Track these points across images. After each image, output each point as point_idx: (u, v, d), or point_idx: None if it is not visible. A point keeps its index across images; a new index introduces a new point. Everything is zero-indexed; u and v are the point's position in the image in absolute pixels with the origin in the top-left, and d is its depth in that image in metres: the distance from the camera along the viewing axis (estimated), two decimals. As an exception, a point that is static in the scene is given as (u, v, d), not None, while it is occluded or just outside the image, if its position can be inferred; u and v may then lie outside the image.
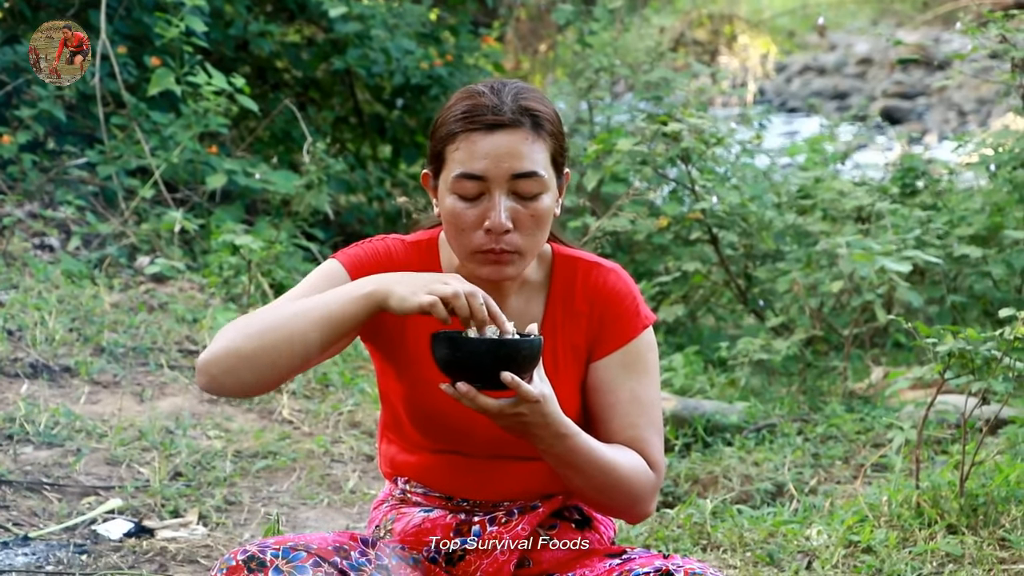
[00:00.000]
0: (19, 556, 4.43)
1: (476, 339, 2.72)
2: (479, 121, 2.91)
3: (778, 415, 6.36)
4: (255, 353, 2.83)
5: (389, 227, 9.94)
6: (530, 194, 2.92)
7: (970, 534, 4.46)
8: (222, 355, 2.85)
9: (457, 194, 2.92)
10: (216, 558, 4.36)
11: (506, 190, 2.90)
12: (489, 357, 2.70)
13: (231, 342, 2.85)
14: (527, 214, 2.91)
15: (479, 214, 2.91)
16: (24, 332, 6.56)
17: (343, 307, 2.81)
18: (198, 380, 2.91)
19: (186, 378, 6.36)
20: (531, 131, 2.92)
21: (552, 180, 2.96)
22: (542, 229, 2.95)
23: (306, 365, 2.90)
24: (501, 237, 2.90)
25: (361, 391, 6.41)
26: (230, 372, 2.85)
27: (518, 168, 2.90)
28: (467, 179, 2.91)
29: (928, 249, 7.04)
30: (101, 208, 8.48)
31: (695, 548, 4.57)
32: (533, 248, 2.96)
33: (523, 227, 2.92)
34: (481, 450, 3.07)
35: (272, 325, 2.84)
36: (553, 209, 2.97)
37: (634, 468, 2.97)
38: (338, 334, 2.83)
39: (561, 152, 2.99)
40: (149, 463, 5.33)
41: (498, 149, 2.90)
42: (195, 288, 7.70)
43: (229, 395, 2.94)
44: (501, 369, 2.70)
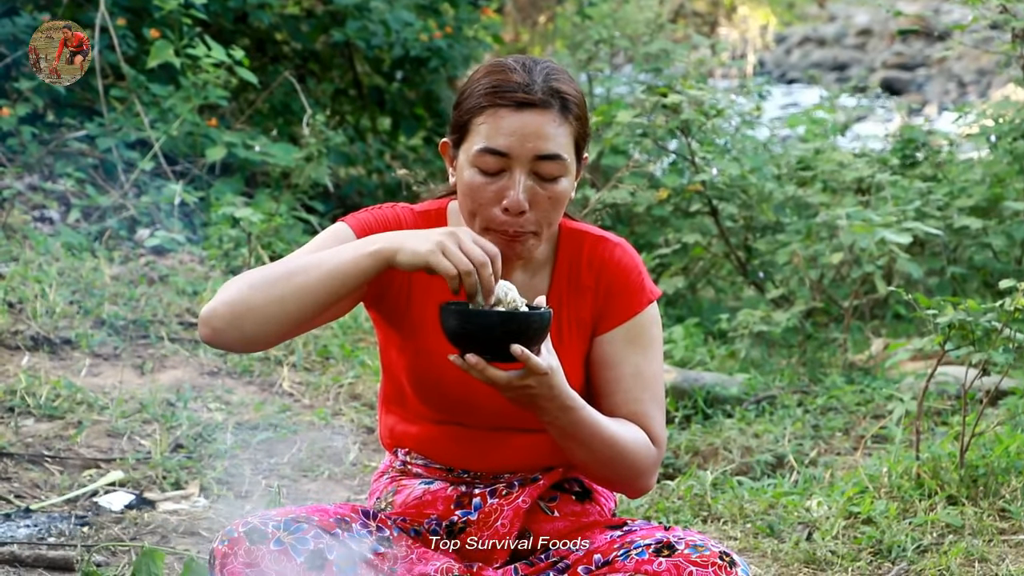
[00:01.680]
0: (21, 528, 4.43)
1: (487, 311, 2.72)
2: (509, 97, 2.90)
3: (778, 387, 6.37)
4: (260, 304, 2.81)
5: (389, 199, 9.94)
6: (551, 176, 2.91)
7: (970, 505, 4.47)
8: (227, 306, 2.83)
9: (478, 168, 2.92)
10: (217, 530, 4.37)
11: (527, 170, 2.90)
12: (499, 329, 2.70)
13: (237, 293, 2.82)
14: (545, 196, 2.91)
15: (498, 190, 2.90)
16: (25, 304, 6.56)
17: (353, 262, 2.79)
18: (200, 332, 2.87)
19: (187, 351, 6.37)
20: (559, 113, 2.91)
21: (572, 164, 2.96)
22: (558, 211, 2.95)
23: (310, 322, 2.88)
24: (517, 217, 2.90)
25: (361, 363, 6.41)
26: (233, 323, 2.83)
27: (543, 150, 2.89)
28: (490, 154, 2.90)
29: (928, 220, 7.04)
30: (101, 180, 8.48)
31: (695, 520, 4.58)
32: (548, 229, 2.96)
33: (540, 208, 2.92)
34: (483, 421, 3.08)
35: (279, 277, 2.82)
36: (569, 191, 2.97)
37: (636, 442, 2.97)
38: (345, 289, 2.81)
39: (584, 136, 2.99)
40: (150, 435, 5.33)
41: (524, 128, 2.89)
42: (195, 261, 7.70)
43: (230, 348, 2.89)
44: (511, 341, 2.70)
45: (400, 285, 3.05)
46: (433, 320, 2.93)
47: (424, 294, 3.04)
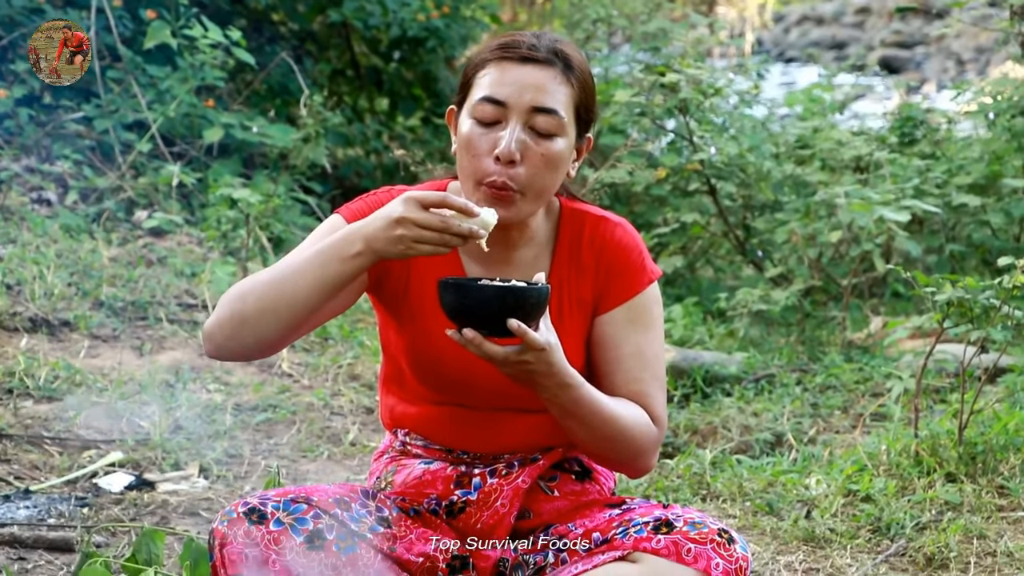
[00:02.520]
0: (21, 509, 4.44)
1: (483, 285, 2.72)
2: (514, 52, 2.94)
3: (777, 365, 6.37)
4: (254, 316, 2.84)
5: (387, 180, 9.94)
6: (546, 131, 2.92)
7: (968, 482, 4.47)
8: (224, 321, 2.87)
9: (476, 118, 2.94)
10: (217, 511, 4.38)
11: (523, 122, 2.91)
12: (496, 304, 2.70)
13: (231, 307, 2.86)
14: (538, 151, 2.91)
15: (492, 141, 2.91)
16: (23, 286, 6.56)
17: (339, 268, 2.82)
18: (205, 348, 2.93)
19: (185, 332, 6.37)
20: (561, 72, 2.94)
21: (571, 128, 2.96)
22: (551, 172, 2.94)
23: (308, 324, 2.91)
24: (507, 169, 2.90)
25: (360, 344, 6.41)
26: (233, 337, 2.87)
27: (539, 102, 2.91)
28: (488, 103, 2.91)
29: (927, 198, 7.03)
30: (98, 162, 8.47)
31: (695, 498, 4.59)
32: (538, 191, 2.95)
33: (531, 164, 2.91)
34: (482, 402, 3.08)
35: (269, 288, 2.84)
36: (566, 156, 2.96)
37: (637, 421, 2.97)
38: (335, 290, 2.84)
39: (586, 108, 2.99)
40: (149, 417, 5.33)
41: (524, 79, 2.91)
42: (193, 242, 7.69)
43: (236, 359, 2.97)
44: (508, 316, 2.70)
45: (399, 271, 3.06)
46: (432, 303, 2.93)
47: (423, 278, 3.04)
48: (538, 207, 2.99)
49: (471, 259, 3.07)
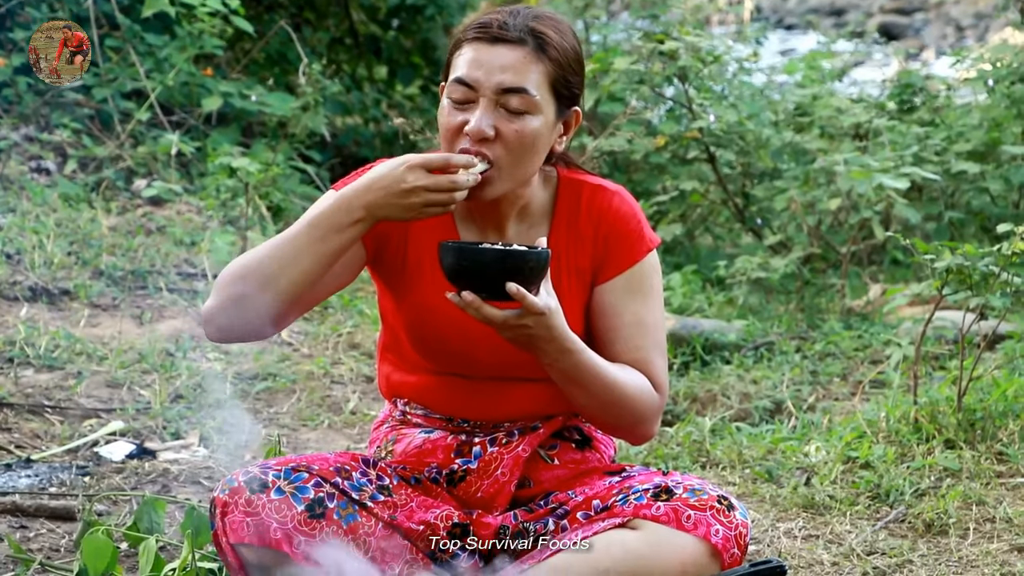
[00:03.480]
0: (22, 478, 4.45)
1: (483, 248, 2.72)
2: (485, 33, 2.94)
3: (776, 333, 6.37)
4: (254, 294, 2.85)
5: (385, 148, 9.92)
6: (517, 110, 2.91)
7: (968, 449, 4.48)
8: (224, 302, 2.87)
9: (450, 99, 2.95)
10: (218, 479, 4.38)
11: (494, 103, 2.91)
12: (495, 267, 2.70)
13: (230, 288, 2.86)
14: (512, 129, 2.91)
15: (465, 120, 2.92)
16: (23, 255, 6.56)
17: (337, 239, 2.83)
18: (207, 332, 2.93)
19: (185, 301, 6.37)
20: (533, 51, 2.93)
21: (547, 106, 2.95)
22: (526, 151, 2.94)
23: (309, 301, 2.92)
24: (479, 147, 2.90)
25: (360, 312, 6.41)
26: (234, 318, 2.88)
27: (508, 82, 2.91)
28: (459, 84, 2.93)
29: (926, 165, 7.02)
30: (97, 131, 8.46)
31: (694, 465, 4.59)
32: (514, 170, 2.94)
33: (506, 142, 2.91)
34: (482, 372, 3.08)
35: (267, 263, 2.85)
36: (542, 134, 2.95)
37: (639, 388, 2.98)
38: (334, 261, 2.86)
39: (565, 83, 2.98)
40: (150, 386, 5.34)
41: (492, 61, 2.92)
42: (193, 211, 7.69)
43: (240, 340, 2.97)
44: (507, 280, 2.70)
45: (397, 243, 3.06)
46: (430, 275, 2.94)
47: (420, 250, 3.05)
48: (516, 184, 2.98)
49: (469, 230, 3.07)
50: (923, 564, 3.75)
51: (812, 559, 3.78)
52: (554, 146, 3.01)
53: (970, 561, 3.78)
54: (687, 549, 2.92)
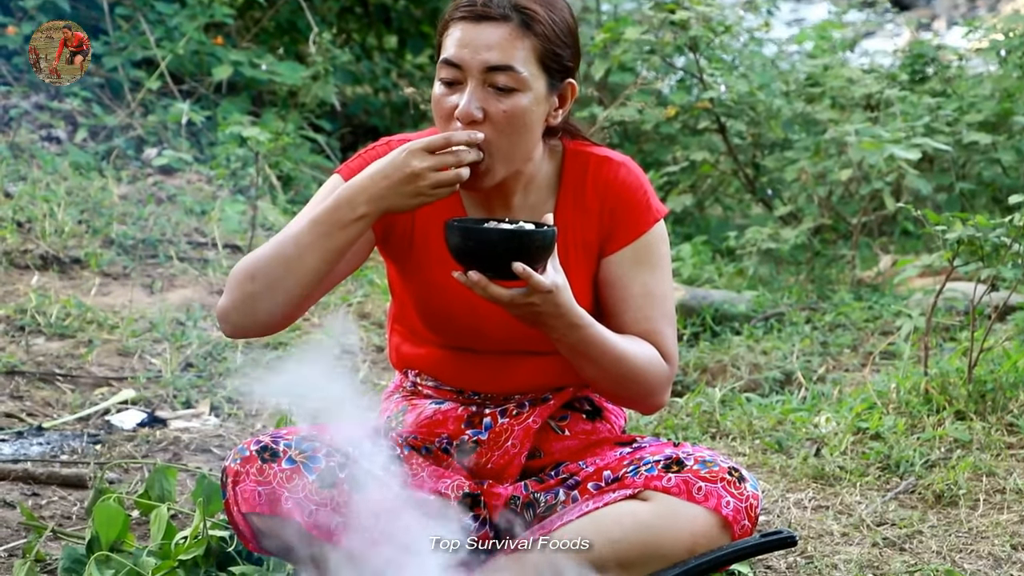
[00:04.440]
0: (34, 446, 4.46)
1: (488, 229, 2.72)
2: (469, 11, 2.93)
3: (786, 304, 6.37)
4: (263, 292, 2.87)
5: (396, 118, 9.90)
6: (506, 88, 2.90)
7: (978, 420, 4.48)
8: (236, 302, 2.90)
9: (440, 80, 2.94)
10: (229, 448, 4.39)
11: (481, 82, 2.89)
12: (501, 247, 2.70)
13: (240, 287, 2.89)
14: (501, 109, 2.89)
15: (456, 102, 2.91)
16: (34, 224, 6.56)
17: (341, 235, 2.85)
18: (222, 329, 2.97)
19: (195, 270, 6.37)
20: (518, 28, 2.90)
21: (537, 82, 2.93)
22: (517, 130, 2.92)
23: (321, 291, 2.93)
24: (470, 127, 2.89)
25: (370, 282, 6.41)
26: (247, 316, 2.90)
27: (492, 61, 2.89)
28: (446, 65, 2.92)
29: (937, 136, 7.00)
30: (107, 100, 8.45)
31: (704, 436, 4.60)
32: (507, 149, 2.93)
33: (495, 122, 2.90)
34: (491, 346, 3.08)
35: (276, 264, 2.86)
36: (532, 111, 2.93)
37: (648, 359, 2.98)
38: (340, 257, 2.87)
39: (554, 56, 2.95)
40: (160, 354, 5.35)
41: (476, 40, 2.90)
42: (203, 180, 7.68)
43: (254, 336, 3.05)
44: (513, 259, 2.70)
45: (404, 224, 3.06)
46: (438, 253, 2.93)
47: (427, 229, 3.04)
48: (515, 164, 2.96)
49: (475, 205, 3.07)
50: (933, 535, 3.75)
51: (822, 530, 3.79)
52: (549, 120, 2.99)
53: (980, 532, 3.78)
54: (698, 521, 2.93)
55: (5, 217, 6.57)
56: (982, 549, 3.66)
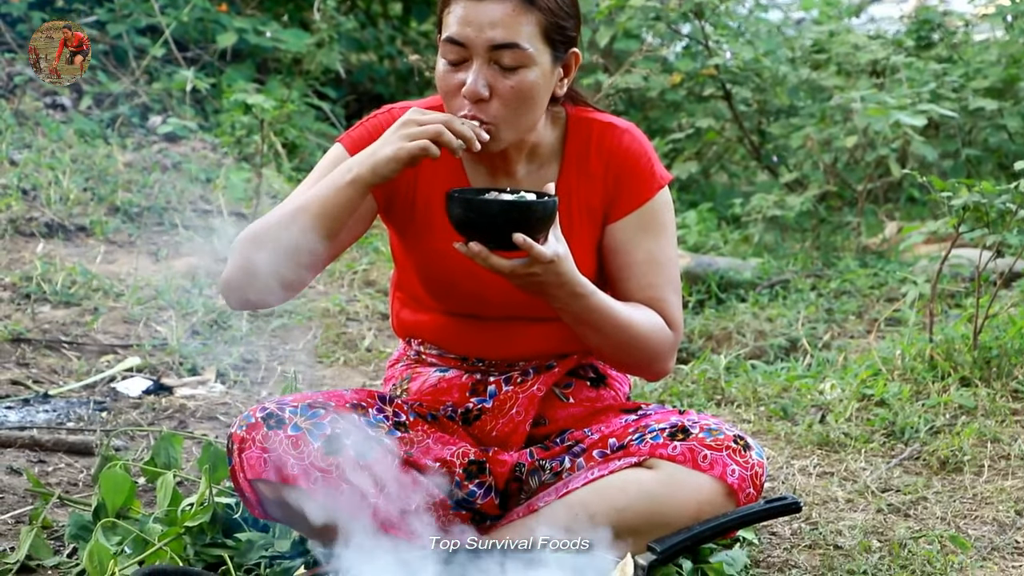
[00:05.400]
0: (40, 413, 4.47)
1: (488, 200, 2.71)
2: None
3: (791, 271, 6.37)
4: (265, 263, 2.86)
5: (400, 85, 9.89)
6: (511, 65, 2.87)
7: (983, 386, 4.48)
8: (237, 273, 2.90)
9: (444, 58, 2.91)
10: (234, 415, 4.40)
11: (486, 59, 2.87)
12: (501, 218, 2.69)
13: (242, 258, 2.89)
14: (508, 85, 2.88)
15: (461, 81, 2.89)
16: (39, 191, 6.56)
17: (335, 197, 2.83)
18: (227, 301, 2.96)
19: (200, 238, 6.37)
20: (520, 3, 2.87)
21: (543, 55, 2.91)
22: (525, 105, 2.91)
23: (321, 260, 2.92)
24: (477, 106, 2.88)
25: (375, 250, 6.41)
26: (250, 287, 2.90)
27: (498, 39, 2.86)
28: (451, 44, 2.89)
29: (943, 102, 7.00)
30: (112, 67, 8.44)
31: (709, 403, 4.60)
32: (515, 123, 2.92)
33: (503, 98, 2.88)
34: (494, 313, 3.08)
35: (275, 233, 2.86)
36: (539, 85, 2.91)
37: (652, 326, 2.98)
38: (339, 223, 2.85)
39: (559, 29, 2.93)
40: (166, 322, 5.35)
41: (480, 18, 2.86)
42: (208, 148, 7.68)
43: (260, 307, 3.04)
44: (513, 230, 2.69)
45: (406, 190, 3.06)
46: (440, 220, 2.92)
47: (429, 196, 3.04)
48: (521, 133, 2.96)
49: (477, 173, 3.06)
50: (937, 501, 3.75)
51: (827, 496, 3.79)
52: (555, 91, 2.99)
53: (984, 498, 3.79)
54: (703, 489, 2.93)
55: (10, 185, 6.57)
56: (986, 515, 3.67)
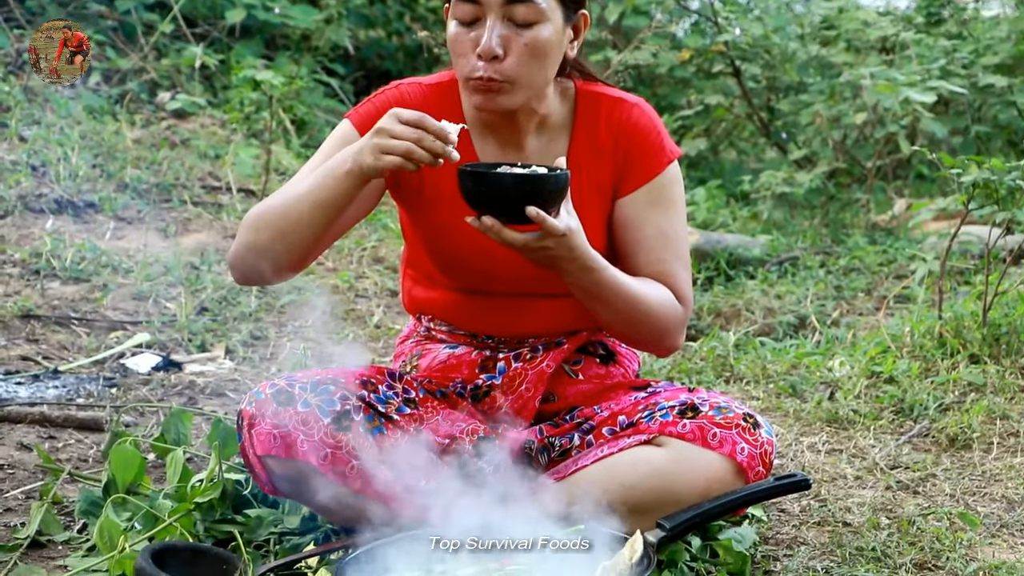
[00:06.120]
0: (50, 389, 4.47)
1: (501, 173, 2.71)
2: None
3: (800, 248, 6.36)
4: (268, 244, 2.88)
5: (409, 62, 9.87)
6: (525, 21, 2.88)
7: (992, 363, 4.48)
8: (243, 252, 2.92)
9: (456, 19, 2.92)
10: (243, 392, 4.41)
11: (500, 16, 2.87)
12: (514, 191, 2.69)
13: (247, 237, 2.91)
14: (522, 42, 2.88)
15: (474, 39, 2.89)
16: (48, 168, 6.56)
17: (333, 188, 2.83)
18: (233, 277, 2.99)
19: (209, 214, 6.37)
20: None
21: (555, 12, 2.91)
22: (539, 61, 2.91)
23: (324, 241, 2.92)
24: (492, 65, 2.88)
25: (384, 227, 6.41)
26: (254, 266, 2.92)
27: None
28: (464, 2, 2.89)
29: (953, 79, 6.98)
30: (121, 43, 8.43)
31: (718, 380, 4.60)
32: (530, 81, 2.92)
33: (517, 56, 2.88)
34: (503, 289, 3.08)
35: (278, 215, 2.87)
36: (553, 42, 2.92)
37: (662, 301, 2.97)
38: (338, 210, 2.86)
39: None
40: (175, 298, 5.36)
41: None
42: (216, 124, 7.68)
43: (264, 284, 3.07)
44: (526, 203, 2.69)
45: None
46: (449, 195, 2.92)
47: (437, 170, 3.02)
48: (534, 93, 2.96)
49: (486, 146, 3.06)
50: (946, 478, 3.76)
51: (836, 473, 3.79)
52: (567, 52, 2.99)
53: (993, 475, 3.79)
54: (712, 467, 2.93)
55: (19, 161, 6.58)
56: (995, 492, 3.67)
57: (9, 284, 5.41)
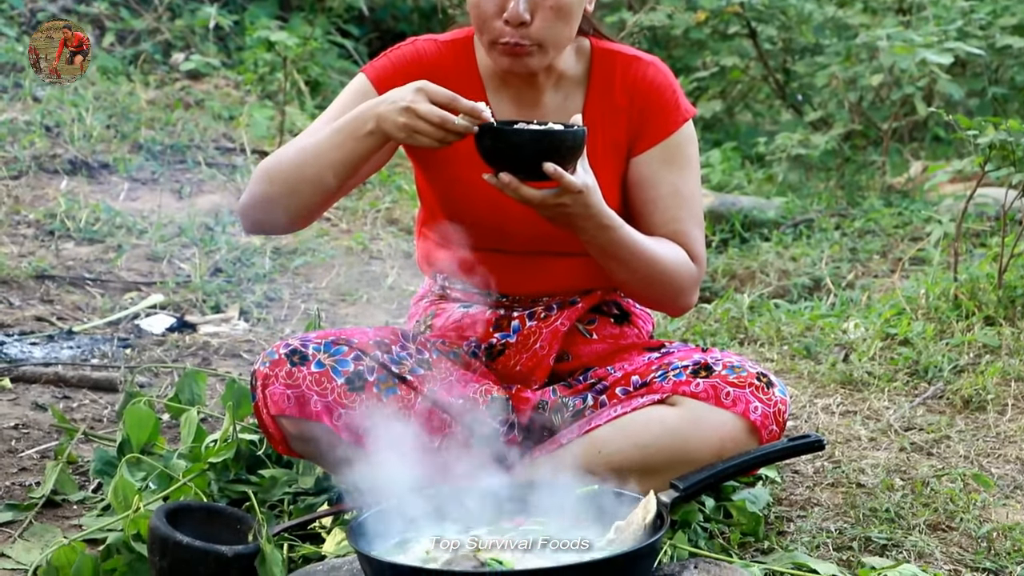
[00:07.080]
0: (64, 349, 4.49)
1: (519, 130, 2.70)
2: None
3: (816, 210, 6.35)
4: (281, 196, 2.87)
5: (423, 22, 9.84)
6: None
7: (1007, 325, 4.47)
8: (255, 200, 2.91)
9: None
10: (258, 352, 4.41)
11: None
12: (531, 147, 2.69)
13: (260, 187, 2.90)
14: (548, 6, 2.87)
15: (500, 3, 2.88)
16: (62, 128, 6.56)
17: (352, 149, 2.82)
18: (242, 225, 2.99)
19: (223, 175, 6.37)
20: None
21: None
22: (565, 21, 2.91)
23: (336, 195, 2.91)
24: (520, 30, 2.87)
25: (399, 188, 6.41)
26: (266, 216, 2.92)
27: None
28: None
29: (970, 40, 6.95)
30: (135, 3, 8.42)
31: (732, 342, 4.60)
32: (556, 41, 2.92)
33: (544, 18, 2.88)
34: (518, 247, 3.07)
35: (293, 169, 2.86)
36: (579, 1, 2.92)
37: (676, 260, 2.97)
38: (354, 169, 2.86)
39: None
40: (189, 259, 5.36)
41: None
42: (231, 85, 7.67)
43: (273, 234, 3.08)
44: (543, 160, 2.69)
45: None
46: (464, 152, 2.91)
47: (451, 125, 3.02)
48: (559, 53, 2.96)
49: (502, 103, 3.05)
50: (960, 440, 3.75)
51: (850, 435, 3.79)
52: (586, 8, 2.98)
53: (1008, 437, 3.79)
54: (726, 426, 2.93)
55: (34, 122, 6.58)
56: (1009, 453, 3.67)
57: (24, 245, 5.42)
